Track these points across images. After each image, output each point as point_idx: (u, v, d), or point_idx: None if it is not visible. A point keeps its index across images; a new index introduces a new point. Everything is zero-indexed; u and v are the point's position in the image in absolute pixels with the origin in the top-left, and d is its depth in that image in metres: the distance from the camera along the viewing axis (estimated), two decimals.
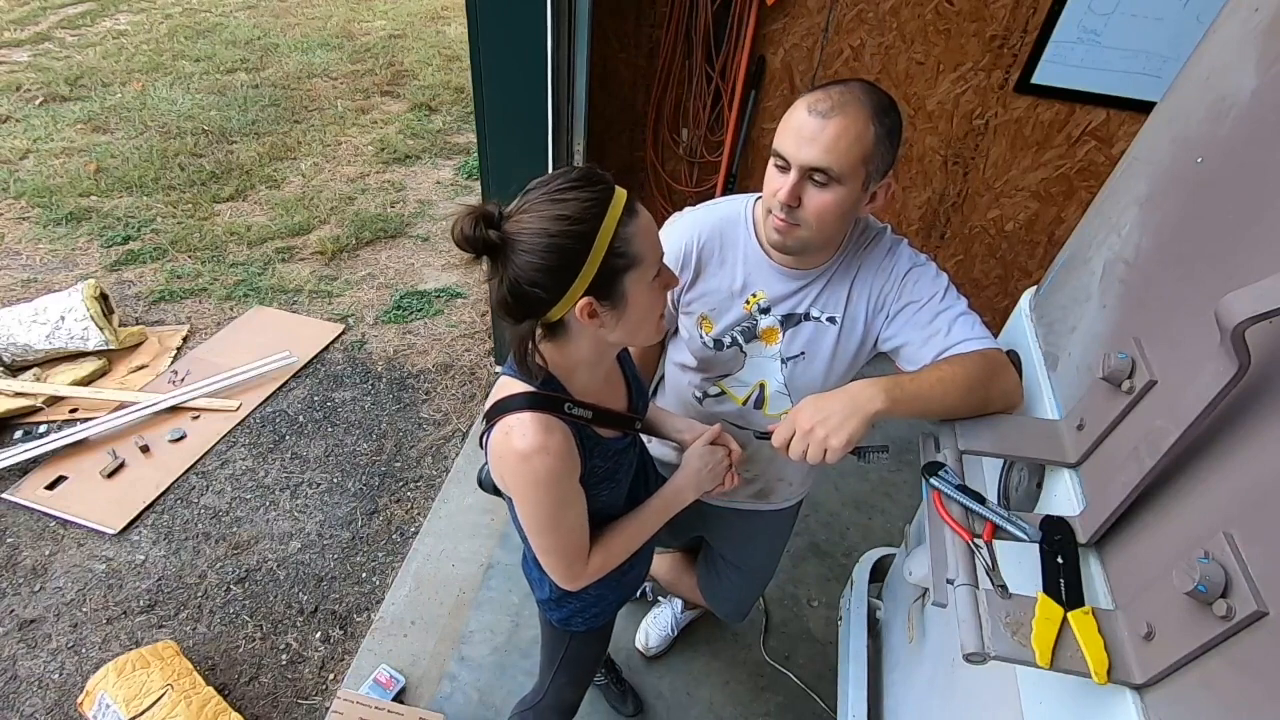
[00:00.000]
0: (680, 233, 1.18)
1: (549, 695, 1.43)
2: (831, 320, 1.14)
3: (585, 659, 1.39)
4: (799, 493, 1.50)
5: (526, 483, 0.92)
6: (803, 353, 1.17)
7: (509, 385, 0.94)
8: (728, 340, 1.19)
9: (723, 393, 1.26)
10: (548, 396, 0.92)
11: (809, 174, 0.99)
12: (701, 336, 1.21)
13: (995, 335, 1.36)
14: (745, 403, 1.25)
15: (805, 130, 0.97)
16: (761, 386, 1.23)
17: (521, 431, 0.89)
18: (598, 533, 1.07)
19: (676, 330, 1.29)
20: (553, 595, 1.21)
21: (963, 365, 1.01)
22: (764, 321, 1.17)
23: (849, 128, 0.96)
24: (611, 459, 1.03)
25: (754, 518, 1.49)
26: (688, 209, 1.23)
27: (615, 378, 1.10)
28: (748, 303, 1.16)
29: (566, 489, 0.95)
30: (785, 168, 1.01)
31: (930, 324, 1.07)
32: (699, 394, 1.29)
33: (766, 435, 1.02)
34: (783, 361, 1.19)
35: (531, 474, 0.90)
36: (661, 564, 1.87)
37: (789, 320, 1.16)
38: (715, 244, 1.16)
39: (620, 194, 0.85)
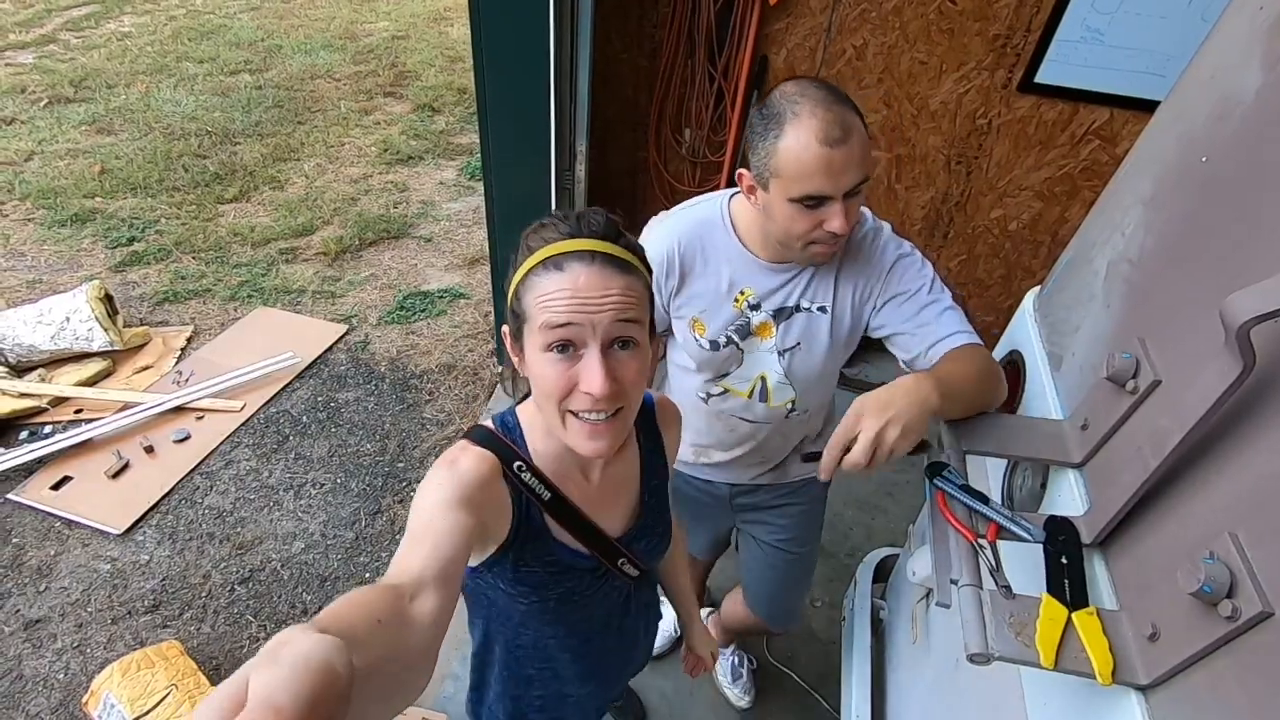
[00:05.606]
0: (659, 239, 1.18)
1: None
2: (822, 309, 1.16)
3: None
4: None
5: (432, 470, 0.79)
6: (799, 343, 1.18)
7: (489, 421, 0.88)
8: (723, 340, 1.20)
9: (726, 391, 1.26)
10: (506, 445, 0.83)
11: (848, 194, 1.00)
12: (696, 339, 1.21)
13: (999, 335, 1.37)
14: (750, 395, 1.26)
15: (836, 163, 0.96)
16: (763, 379, 1.23)
17: (461, 452, 0.80)
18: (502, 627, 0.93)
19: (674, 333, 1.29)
20: (471, 684, 1.09)
21: (973, 362, 1.02)
22: (756, 318, 1.18)
23: (860, 135, 0.97)
24: (559, 573, 0.86)
25: (781, 489, 1.45)
26: (662, 213, 1.23)
27: (618, 492, 0.94)
28: (736, 301, 1.17)
29: (448, 497, 0.74)
30: (817, 204, 1.00)
31: (919, 314, 1.10)
32: (703, 395, 1.29)
33: (815, 457, 0.94)
34: (779, 354, 1.20)
35: (436, 466, 0.78)
36: (730, 611, 1.75)
37: (781, 314, 1.17)
38: (696, 248, 1.17)
39: (563, 245, 0.73)
